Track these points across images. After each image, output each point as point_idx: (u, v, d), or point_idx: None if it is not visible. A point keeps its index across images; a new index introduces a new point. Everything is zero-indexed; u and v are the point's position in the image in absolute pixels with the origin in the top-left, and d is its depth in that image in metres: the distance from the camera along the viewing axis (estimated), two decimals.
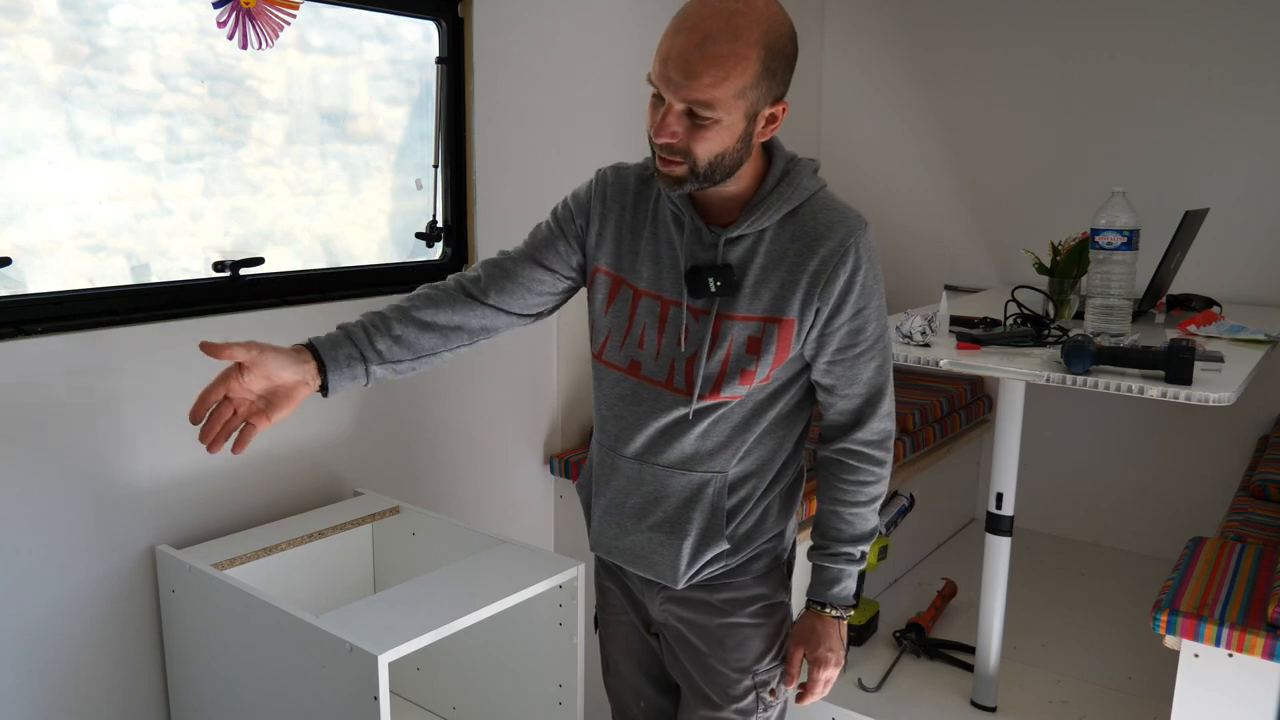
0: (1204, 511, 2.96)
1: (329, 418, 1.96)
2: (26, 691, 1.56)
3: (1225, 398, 1.68)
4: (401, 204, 2.18)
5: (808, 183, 1.34)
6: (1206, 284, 2.75)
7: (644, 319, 1.39)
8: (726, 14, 1.18)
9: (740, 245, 1.33)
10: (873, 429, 1.40)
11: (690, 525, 1.40)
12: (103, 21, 1.64)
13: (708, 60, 1.17)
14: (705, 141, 1.23)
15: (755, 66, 1.19)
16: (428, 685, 1.92)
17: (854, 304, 1.34)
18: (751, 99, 1.21)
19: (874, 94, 3.54)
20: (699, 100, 1.19)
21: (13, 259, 1.54)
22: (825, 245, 1.31)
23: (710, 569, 1.42)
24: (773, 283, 1.32)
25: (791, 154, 1.36)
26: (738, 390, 1.35)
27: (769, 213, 1.32)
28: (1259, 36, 2.85)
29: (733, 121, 1.22)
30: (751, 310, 1.33)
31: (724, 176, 1.27)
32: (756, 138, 1.27)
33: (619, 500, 1.46)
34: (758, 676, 1.46)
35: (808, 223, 1.32)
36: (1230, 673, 1.71)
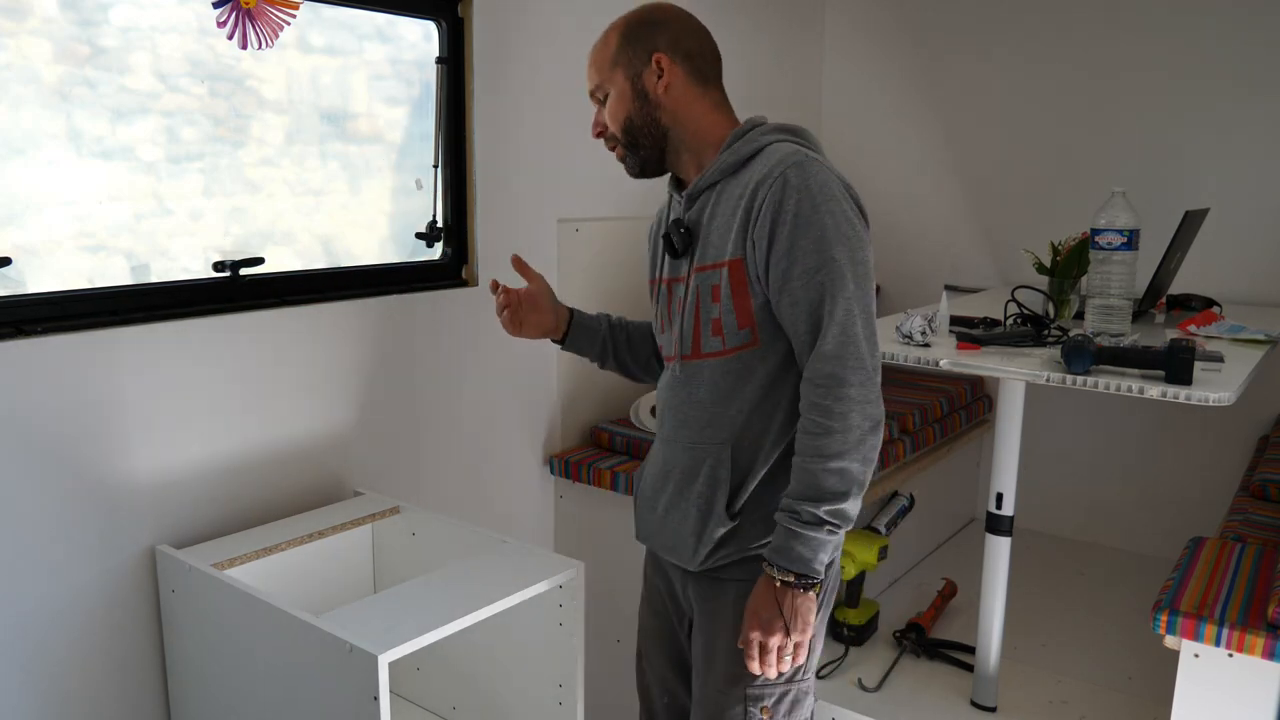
0: (1204, 511, 2.96)
1: (329, 418, 1.96)
2: (27, 691, 1.56)
3: (1225, 398, 1.68)
4: (401, 204, 2.18)
5: (764, 137, 1.41)
6: (1206, 284, 2.75)
7: (659, 304, 1.53)
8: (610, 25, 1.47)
9: (700, 201, 1.44)
10: (814, 369, 1.32)
11: (692, 499, 1.44)
12: (103, 21, 1.64)
13: (590, 60, 1.48)
14: (611, 115, 1.46)
15: (615, 41, 1.44)
16: (428, 685, 1.92)
17: (788, 234, 1.31)
18: (624, 63, 1.44)
19: (874, 94, 3.54)
20: (593, 87, 1.48)
21: (13, 259, 1.54)
22: (758, 178, 1.35)
23: (721, 552, 1.43)
24: (721, 228, 1.40)
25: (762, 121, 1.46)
26: (713, 344, 1.40)
27: (722, 165, 1.41)
28: (1259, 37, 2.85)
29: (620, 88, 1.44)
30: (707, 259, 1.41)
31: (652, 140, 1.45)
32: (654, 92, 1.43)
33: (645, 481, 1.57)
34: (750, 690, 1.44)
35: (756, 168, 1.38)
36: (1230, 673, 1.71)
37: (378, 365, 2.03)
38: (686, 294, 1.44)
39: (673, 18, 1.46)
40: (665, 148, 1.46)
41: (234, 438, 1.79)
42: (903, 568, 2.97)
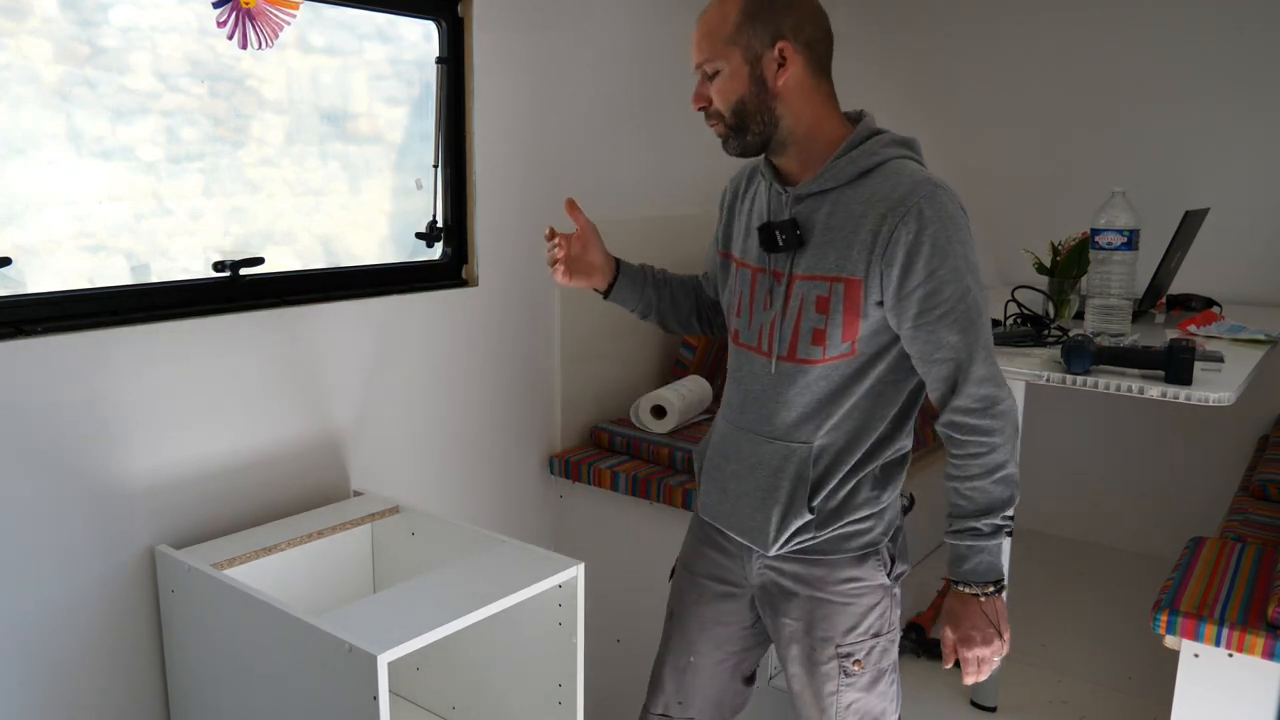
0: (1204, 511, 2.96)
1: (329, 418, 1.96)
2: (26, 691, 1.56)
3: (1225, 398, 1.68)
4: (401, 204, 2.18)
5: (885, 149, 1.41)
6: (1206, 284, 2.75)
7: (742, 288, 1.53)
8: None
9: (809, 203, 1.43)
10: (969, 394, 1.39)
11: (779, 493, 1.48)
12: (103, 21, 1.64)
13: (702, 29, 1.40)
14: (720, 93, 1.40)
15: (735, 16, 1.37)
16: (427, 685, 1.92)
17: (925, 265, 1.34)
18: (743, 43, 1.37)
19: (873, 94, 3.54)
20: (703, 60, 1.40)
21: (13, 259, 1.54)
22: (888, 203, 1.35)
23: (798, 539, 1.49)
24: (839, 242, 1.39)
25: (881, 129, 1.45)
26: (813, 353, 1.43)
27: (837, 173, 1.40)
28: (1259, 36, 2.85)
29: (734, 68, 1.38)
30: (818, 269, 1.41)
31: (762, 127, 1.41)
32: (773, 82, 1.38)
33: (720, 465, 1.58)
34: (841, 648, 1.53)
35: (878, 184, 1.38)
36: (1230, 673, 1.71)
37: (378, 365, 2.03)
38: (787, 296, 1.44)
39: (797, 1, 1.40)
40: (773, 136, 1.42)
41: (234, 438, 1.79)
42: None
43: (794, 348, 1.44)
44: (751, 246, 1.51)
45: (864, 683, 1.55)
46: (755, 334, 1.50)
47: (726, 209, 1.62)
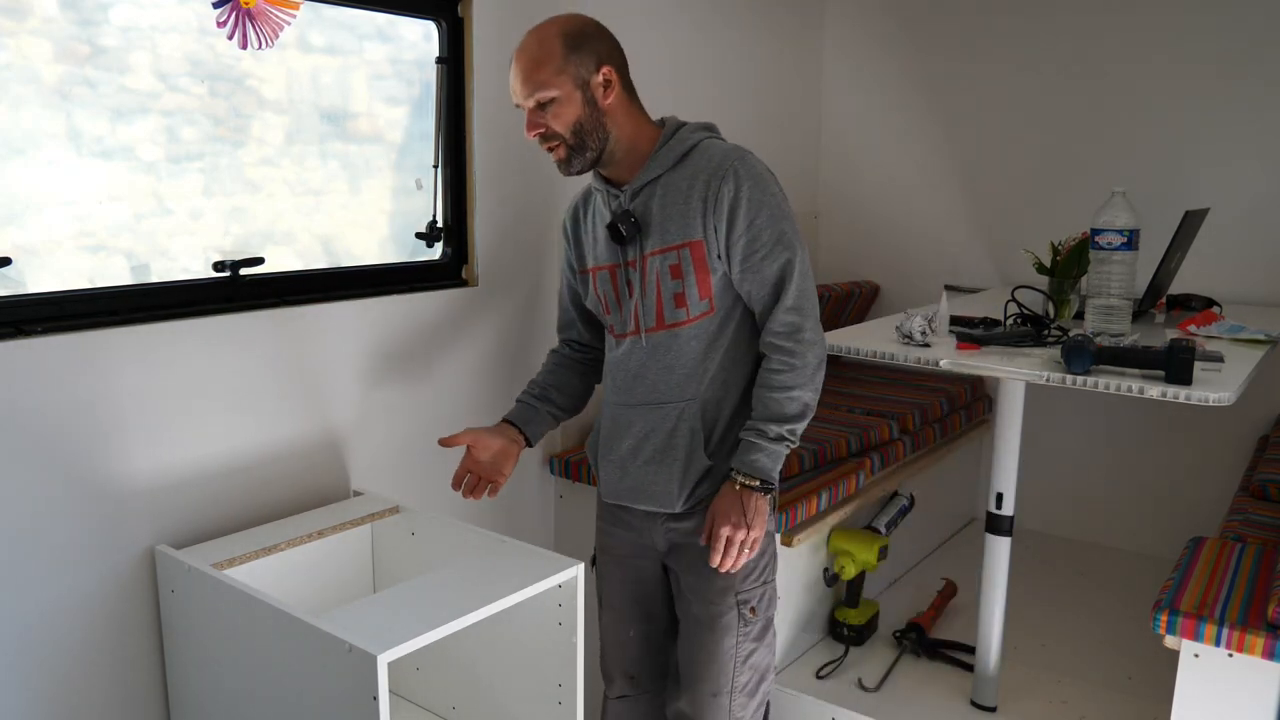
0: (1204, 511, 2.96)
1: (329, 418, 1.96)
2: (26, 691, 1.56)
3: (1225, 398, 1.68)
4: (401, 204, 2.18)
5: (693, 135, 1.64)
6: (1206, 284, 2.75)
7: (604, 288, 1.71)
8: (531, 34, 1.60)
9: (644, 195, 1.63)
10: (779, 320, 1.60)
11: (677, 452, 1.66)
12: (103, 21, 1.64)
13: (527, 64, 1.57)
14: (558, 118, 1.57)
15: (559, 49, 1.55)
16: (427, 685, 1.92)
17: (745, 216, 1.57)
18: (571, 72, 1.55)
19: (874, 94, 3.54)
20: (534, 91, 1.56)
21: (13, 259, 1.54)
22: (708, 172, 1.59)
23: (701, 488, 1.67)
24: (675, 214, 1.61)
25: (684, 121, 1.67)
26: (678, 315, 1.63)
27: (661, 162, 1.62)
28: (1259, 36, 2.85)
29: (568, 93, 1.56)
30: (664, 242, 1.61)
31: (596, 141, 1.60)
32: (601, 101, 1.58)
33: (614, 446, 1.74)
34: (740, 595, 1.69)
35: (696, 161, 1.61)
36: (1230, 673, 1.71)
37: (378, 365, 2.03)
38: (643, 275, 1.64)
39: (603, 31, 1.62)
40: (605, 149, 1.61)
41: (234, 437, 1.79)
42: (903, 568, 2.97)
43: (660, 316, 1.64)
44: (602, 250, 1.70)
45: (756, 631, 1.72)
46: (627, 320, 1.68)
47: (571, 237, 1.78)
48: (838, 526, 2.47)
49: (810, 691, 2.27)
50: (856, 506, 2.52)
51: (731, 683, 1.71)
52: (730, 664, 1.70)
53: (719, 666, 1.71)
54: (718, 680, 1.71)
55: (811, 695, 2.26)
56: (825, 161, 3.66)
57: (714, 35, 3.03)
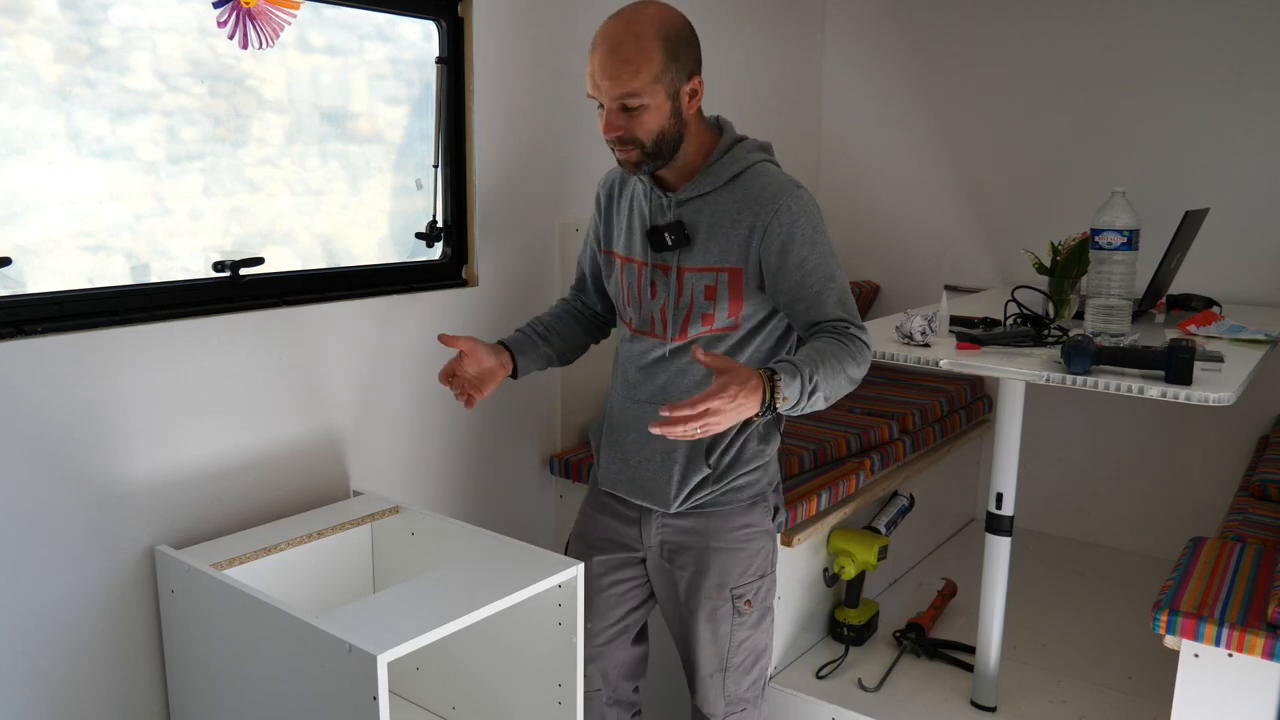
0: (1204, 511, 2.96)
1: (329, 418, 1.96)
2: (26, 691, 1.56)
3: (1225, 398, 1.68)
4: (401, 204, 2.18)
5: (749, 155, 1.61)
6: (1206, 284, 2.75)
7: (629, 281, 1.70)
8: (625, 24, 1.50)
9: (691, 206, 1.61)
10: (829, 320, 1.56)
11: (677, 454, 1.66)
12: (103, 21, 1.64)
13: (621, 62, 1.48)
14: (643, 125, 1.52)
15: (659, 55, 1.49)
16: (427, 685, 1.92)
17: (797, 253, 1.55)
18: (667, 81, 1.50)
19: (874, 94, 3.54)
20: (625, 94, 1.49)
21: (13, 259, 1.54)
22: (761, 202, 1.56)
23: (699, 494, 1.68)
24: (720, 237, 1.59)
25: (742, 135, 1.65)
26: (702, 329, 1.62)
27: (713, 178, 1.59)
28: (1259, 36, 2.85)
29: (659, 103, 1.51)
30: (705, 261, 1.60)
31: (671, 150, 1.57)
32: (686, 111, 1.55)
33: (620, 437, 1.74)
34: (735, 590, 1.72)
35: (749, 186, 1.58)
36: (1230, 673, 1.71)
37: (378, 365, 2.03)
38: (679, 289, 1.62)
39: (695, 36, 1.57)
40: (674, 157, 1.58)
41: (234, 437, 1.79)
42: (903, 568, 2.97)
43: (684, 330, 1.63)
44: (635, 243, 1.68)
45: (753, 620, 1.75)
46: (647, 320, 1.68)
47: (604, 212, 1.76)
48: (838, 526, 2.47)
49: (810, 691, 2.27)
50: (856, 506, 2.52)
51: (726, 663, 1.75)
52: (724, 648, 1.74)
53: (713, 652, 1.74)
54: (712, 663, 1.75)
55: (811, 695, 2.26)
56: (825, 161, 3.66)
57: (714, 35, 3.03)
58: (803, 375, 1.45)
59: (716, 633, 1.73)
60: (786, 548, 2.26)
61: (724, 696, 1.77)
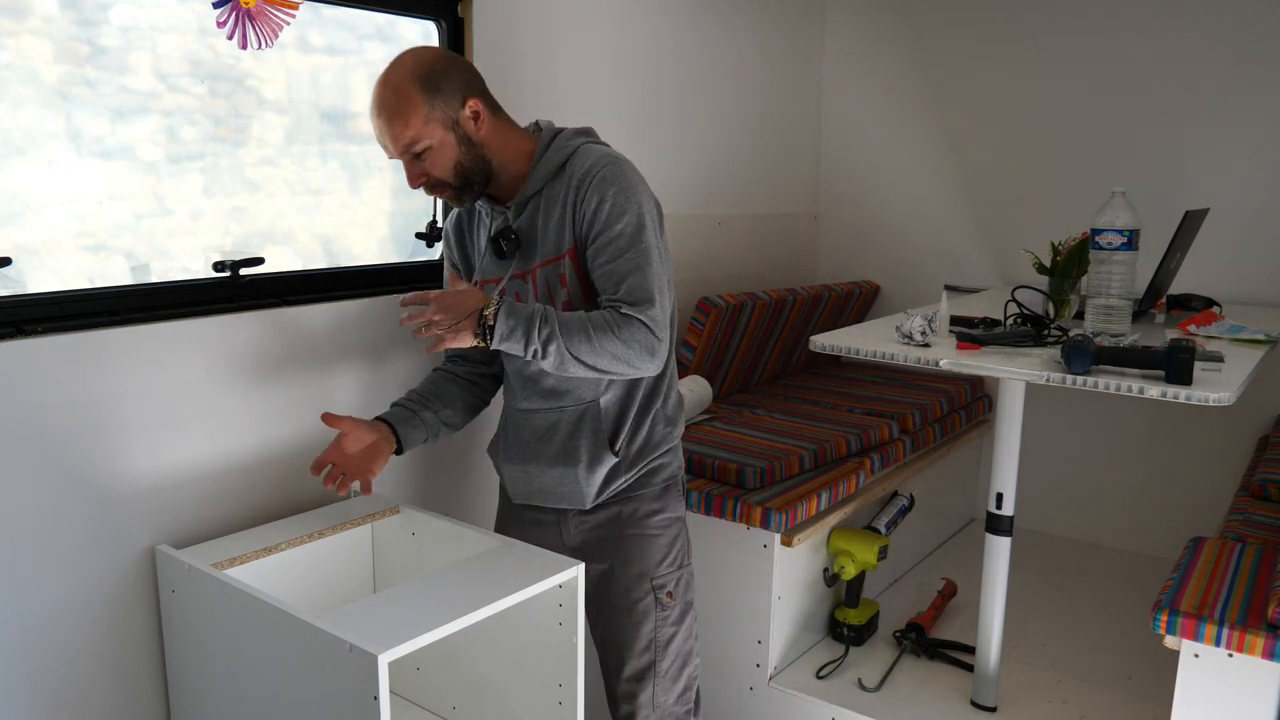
0: (1204, 511, 2.96)
1: None
2: (27, 691, 1.56)
3: (1225, 398, 1.68)
4: (401, 204, 2.18)
5: (569, 143, 1.62)
6: (1206, 284, 2.76)
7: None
8: (382, 83, 1.53)
9: (527, 210, 1.63)
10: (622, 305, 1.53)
11: (579, 452, 1.68)
12: (103, 21, 1.64)
13: (389, 119, 1.52)
14: (438, 165, 1.55)
15: (419, 96, 1.51)
16: (428, 685, 1.92)
17: (604, 218, 1.55)
18: (438, 116, 1.53)
19: (874, 94, 3.54)
20: (406, 145, 1.53)
21: (13, 259, 1.54)
22: (578, 178, 1.58)
23: (611, 486, 1.70)
24: (554, 226, 1.60)
25: (560, 128, 1.65)
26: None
27: (539, 177, 1.61)
28: (1259, 36, 2.86)
29: (441, 138, 1.54)
30: (547, 254, 1.61)
31: (481, 173, 1.59)
32: (476, 135, 1.57)
33: (517, 449, 1.76)
34: (655, 580, 1.73)
35: (571, 169, 1.60)
36: (1230, 673, 1.71)
37: (378, 365, 2.03)
38: (534, 288, 1.63)
39: (454, 61, 1.58)
40: (489, 178, 1.61)
41: (234, 437, 1.79)
42: (903, 568, 2.98)
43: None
44: (488, 263, 1.69)
45: (675, 615, 1.75)
46: None
47: (459, 249, 1.77)
48: (838, 526, 2.47)
49: (810, 691, 2.27)
50: (856, 506, 2.52)
51: (654, 667, 1.74)
52: (650, 648, 1.74)
53: (638, 651, 1.74)
54: (638, 664, 1.74)
55: (811, 695, 2.26)
56: (825, 161, 3.66)
57: (714, 36, 3.03)
58: (535, 313, 1.49)
59: (640, 629, 1.73)
60: (786, 548, 2.26)
61: (653, 708, 1.75)
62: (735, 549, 2.30)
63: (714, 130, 3.11)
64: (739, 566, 2.30)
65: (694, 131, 3.02)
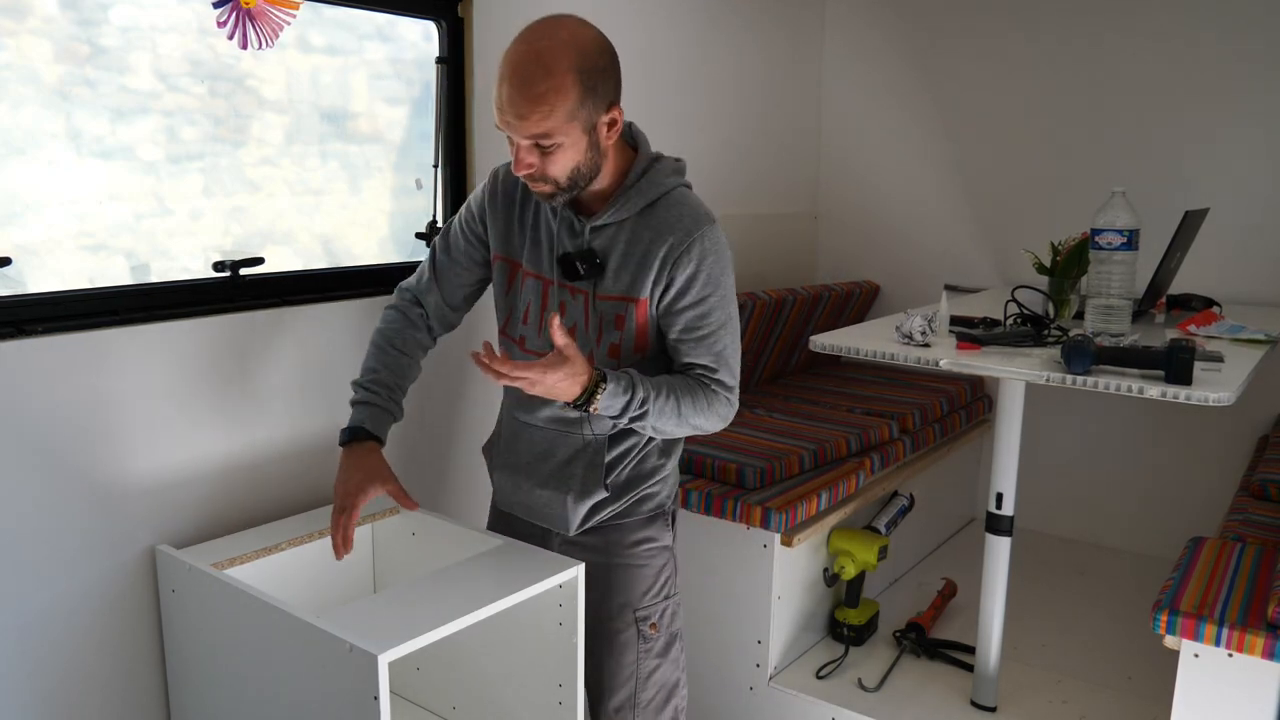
0: (1204, 511, 2.96)
1: (329, 418, 1.96)
2: (26, 691, 1.56)
3: (1225, 398, 1.68)
4: (401, 204, 2.18)
5: (665, 180, 1.53)
6: (1206, 284, 2.76)
7: (531, 297, 1.60)
8: (535, 54, 1.37)
9: (604, 233, 1.53)
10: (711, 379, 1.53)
11: (573, 480, 1.63)
12: (103, 21, 1.64)
13: (531, 100, 1.36)
14: (557, 163, 1.42)
15: (575, 91, 1.37)
16: (428, 685, 1.92)
17: (698, 290, 1.50)
18: (583, 117, 1.39)
19: (874, 94, 3.54)
20: (537, 134, 1.38)
21: (13, 259, 1.54)
22: (674, 234, 1.49)
23: (597, 515, 1.65)
24: (631, 266, 1.51)
25: (657, 154, 1.56)
26: (608, 363, 1.55)
27: (628, 205, 1.51)
28: (1259, 36, 2.86)
29: (574, 140, 1.40)
30: (615, 290, 1.53)
31: (587, 182, 1.48)
32: (604, 143, 1.46)
33: (515, 459, 1.71)
34: (638, 612, 1.67)
35: (663, 214, 1.51)
36: (1230, 673, 1.71)
37: None
38: (587, 315, 1.55)
39: (615, 58, 1.45)
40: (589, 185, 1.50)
41: (234, 437, 1.79)
42: (903, 568, 2.97)
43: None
44: (542, 261, 1.58)
45: (660, 647, 1.69)
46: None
47: (502, 211, 1.62)
48: (838, 526, 2.47)
49: (810, 691, 2.27)
50: (856, 506, 2.52)
51: (635, 698, 1.69)
52: (631, 680, 1.68)
53: (619, 683, 1.68)
54: (619, 696, 1.69)
55: (811, 695, 2.26)
56: (825, 161, 3.66)
57: (714, 36, 3.03)
58: (635, 395, 1.44)
59: (622, 660, 1.67)
60: (786, 548, 2.26)
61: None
62: (735, 549, 2.30)
63: (714, 130, 3.11)
64: (739, 566, 2.30)
65: (694, 131, 3.02)
